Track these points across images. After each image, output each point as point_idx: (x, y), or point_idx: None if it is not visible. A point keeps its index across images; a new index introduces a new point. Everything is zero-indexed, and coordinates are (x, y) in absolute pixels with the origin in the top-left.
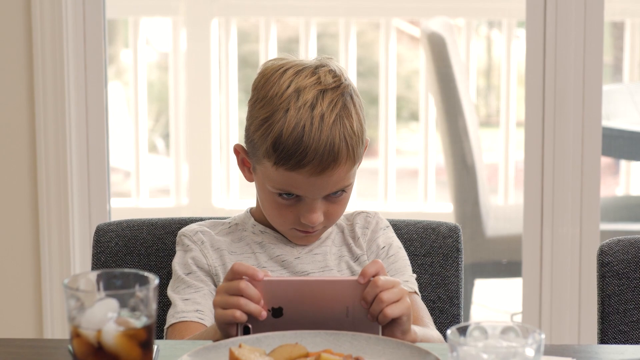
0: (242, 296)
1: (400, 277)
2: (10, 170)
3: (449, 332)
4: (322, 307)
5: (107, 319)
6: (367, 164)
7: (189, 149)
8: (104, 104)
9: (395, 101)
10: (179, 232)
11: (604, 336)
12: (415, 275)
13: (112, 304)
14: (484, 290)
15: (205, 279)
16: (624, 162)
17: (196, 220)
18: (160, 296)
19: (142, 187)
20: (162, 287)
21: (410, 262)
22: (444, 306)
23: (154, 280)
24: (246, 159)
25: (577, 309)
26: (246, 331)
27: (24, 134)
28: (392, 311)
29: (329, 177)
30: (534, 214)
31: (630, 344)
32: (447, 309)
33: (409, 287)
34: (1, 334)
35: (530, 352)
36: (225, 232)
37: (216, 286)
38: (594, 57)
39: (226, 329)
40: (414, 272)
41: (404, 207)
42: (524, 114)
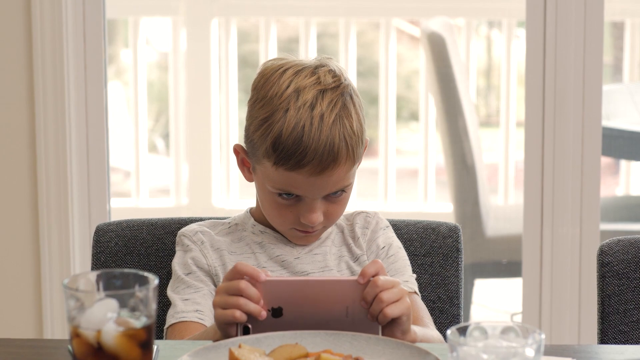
0: (242, 296)
1: (400, 277)
2: (10, 170)
3: (449, 332)
4: (322, 307)
5: (107, 319)
6: (367, 164)
7: (189, 149)
8: (103, 103)
9: (395, 101)
10: (179, 232)
11: (604, 336)
12: (415, 275)
13: (112, 304)
14: (484, 290)
15: (205, 279)
16: (624, 162)
17: (196, 220)
18: (160, 296)
19: (142, 187)
20: (162, 287)
21: (410, 262)
22: (444, 306)
23: (154, 280)
24: (246, 159)
25: (577, 309)
26: (246, 331)
27: (24, 134)
28: (392, 311)
29: (328, 177)
30: (534, 214)
31: (630, 344)
32: (447, 309)
33: (408, 287)
34: (1, 334)
35: (530, 352)
36: (225, 232)
37: (216, 286)
38: (594, 57)
39: (226, 329)
40: (414, 272)
41: (404, 207)
42: (524, 114)
